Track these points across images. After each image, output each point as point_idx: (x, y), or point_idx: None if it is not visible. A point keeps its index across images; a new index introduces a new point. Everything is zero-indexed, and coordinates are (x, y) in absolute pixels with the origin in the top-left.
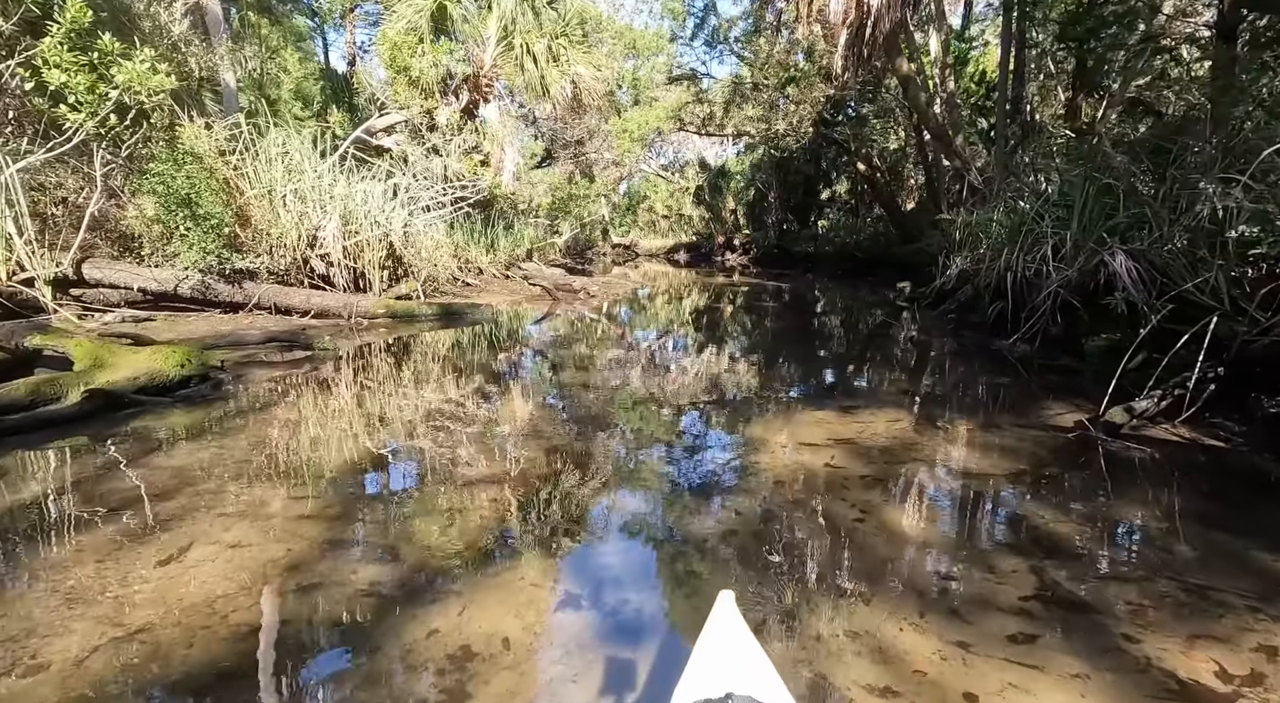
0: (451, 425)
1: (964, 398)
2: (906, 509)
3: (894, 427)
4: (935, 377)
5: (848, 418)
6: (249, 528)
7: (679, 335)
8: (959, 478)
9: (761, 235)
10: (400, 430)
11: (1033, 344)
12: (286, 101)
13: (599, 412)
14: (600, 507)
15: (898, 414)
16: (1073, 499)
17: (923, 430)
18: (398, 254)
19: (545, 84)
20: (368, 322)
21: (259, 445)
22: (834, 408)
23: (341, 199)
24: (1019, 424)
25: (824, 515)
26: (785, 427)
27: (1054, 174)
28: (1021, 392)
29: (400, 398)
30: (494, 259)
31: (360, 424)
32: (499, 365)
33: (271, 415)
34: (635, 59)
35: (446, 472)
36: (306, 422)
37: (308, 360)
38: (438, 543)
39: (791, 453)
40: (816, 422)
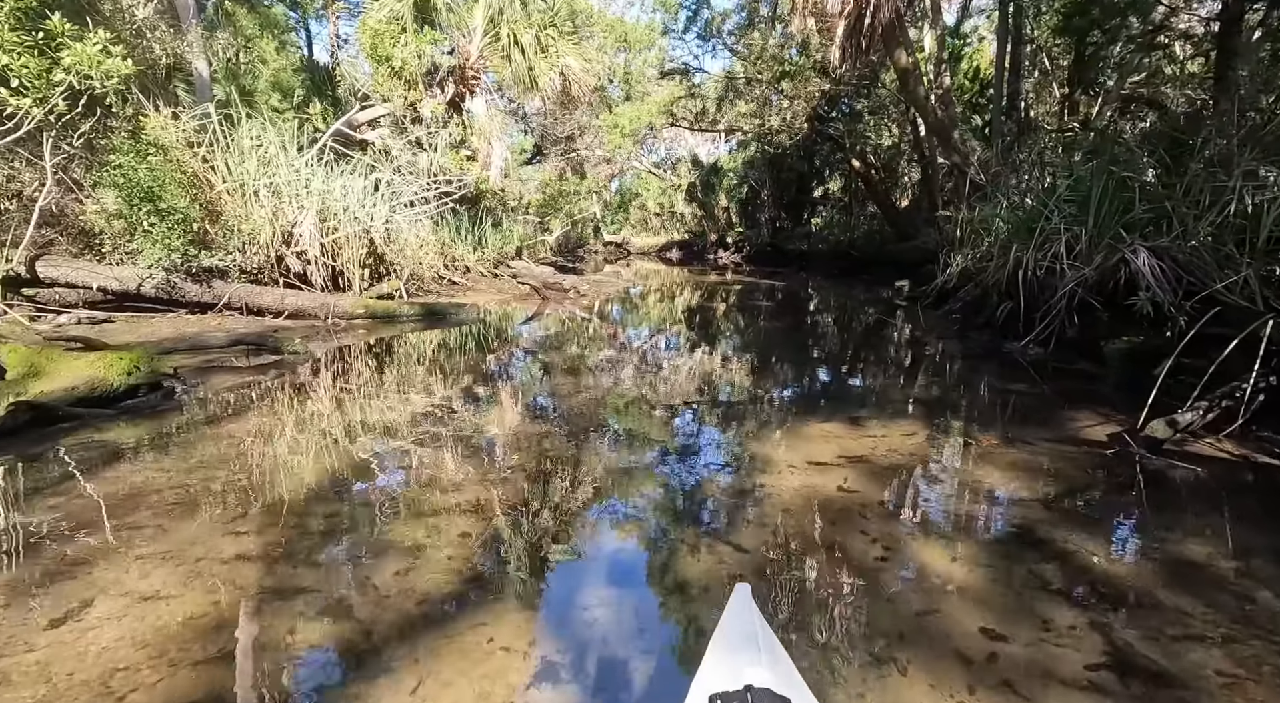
0: (423, 443)
1: (981, 407)
2: (936, 546)
3: (910, 442)
4: (946, 383)
5: (858, 431)
6: (172, 574)
7: (672, 337)
8: (991, 505)
9: (755, 233)
10: (365, 448)
11: (1046, 347)
12: (263, 93)
13: (585, 426)
14: (584, 545)
15: (912, 426)
16: (1124, 530)
17: (942, 446)
18: (379, 252)
19: (533, 76)
20: (345, 323)
21: (202, 467)
22: (842, 419)
23: (319, 194)
24: (1047, 438)
25: (841, 555)
26: (791, 442)
27: (1061, 169)
28: (1042, 400)
29: (370, 409)
30: (481, 257)
31: (322, 440)
32: (479, 372)
33: (223, 430)
34: (626, 53)
35: (413, 499)
36: (261, 437)
37: (275, 365)
38: (397, 592)
39: (800, 474)
40: (824, 436)
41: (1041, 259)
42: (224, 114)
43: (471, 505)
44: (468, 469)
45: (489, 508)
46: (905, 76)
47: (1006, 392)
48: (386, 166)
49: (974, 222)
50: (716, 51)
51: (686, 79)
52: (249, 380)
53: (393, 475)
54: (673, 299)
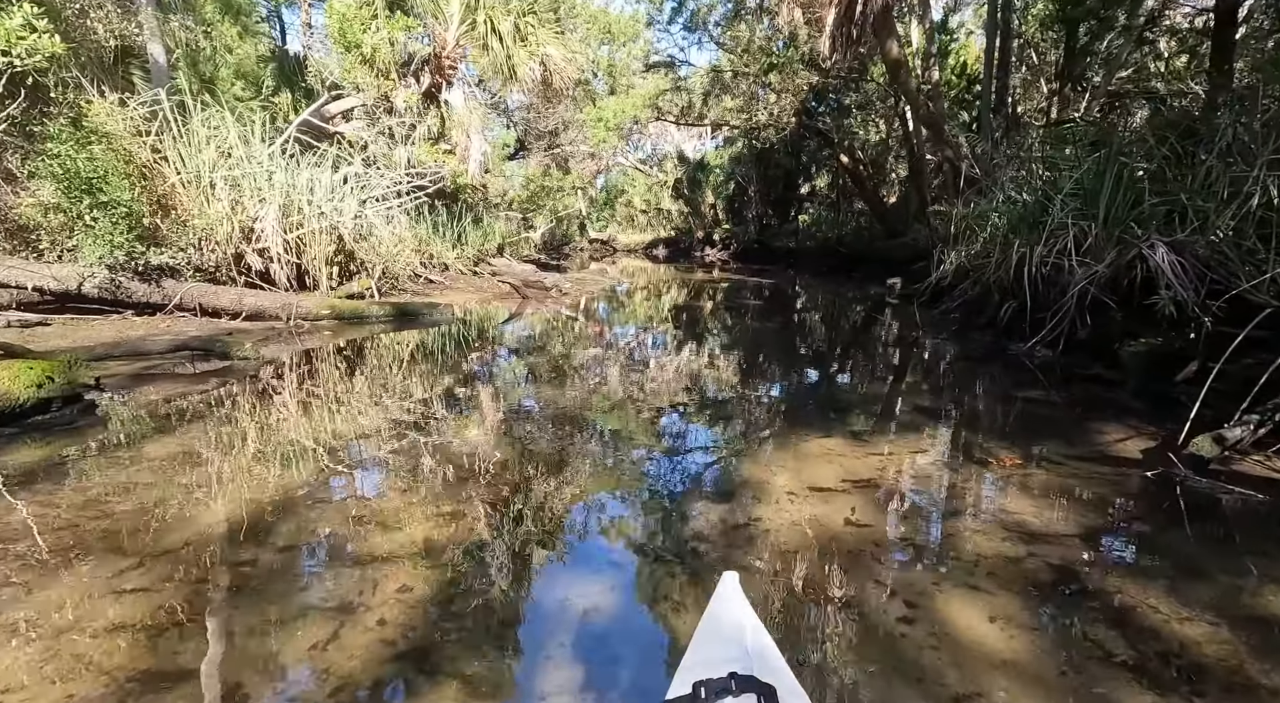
0: (367, 468)
1: (994, 418)
2: (968, 601)
3: (921, 462)
4: (952, 389)
5: (862, 449)
6: (19, 655)
7: (657, 341)
8: (1025, 543)
9: (741, 230)
10: (300, 476)
11: (1055, 349)
12: (225, 81)
13: (557, 447)
14: (545, 605)
15: (921, 442)
16: (1187, 577)
17: (958, 467)
18: (348, 249)
19: (512, 65)
20: (310, 324)
21: (102, 500)
22: (843, 434)
23: (282, 187)
24: (1074, 456)
25: (856, 615)
26: (789, 462)
27: (1063, 161)
28: (1059, 410)
29: (316, 426)
30: (461, 255)
31: (252, 466)
32: (444, 382)
33: (139, 453)
34: (610, 45)
35: (347, 541)
36: (181, 463)
37: (221, 373)
38: (308, 678)
39: (800, 504)
40: (825, 454)
41: (1047, 255)
42: (179, 102)
43: (414, 549)
44: (414, 502)
45: (435, 552)
46: (896, 68)
47: (1019, 400)
48: (356, 159)
49: (969, 217)
50: (702, 44)
51: (672, 72)
52: (186, 391)
53: (325, 510)
54: (659, 299)
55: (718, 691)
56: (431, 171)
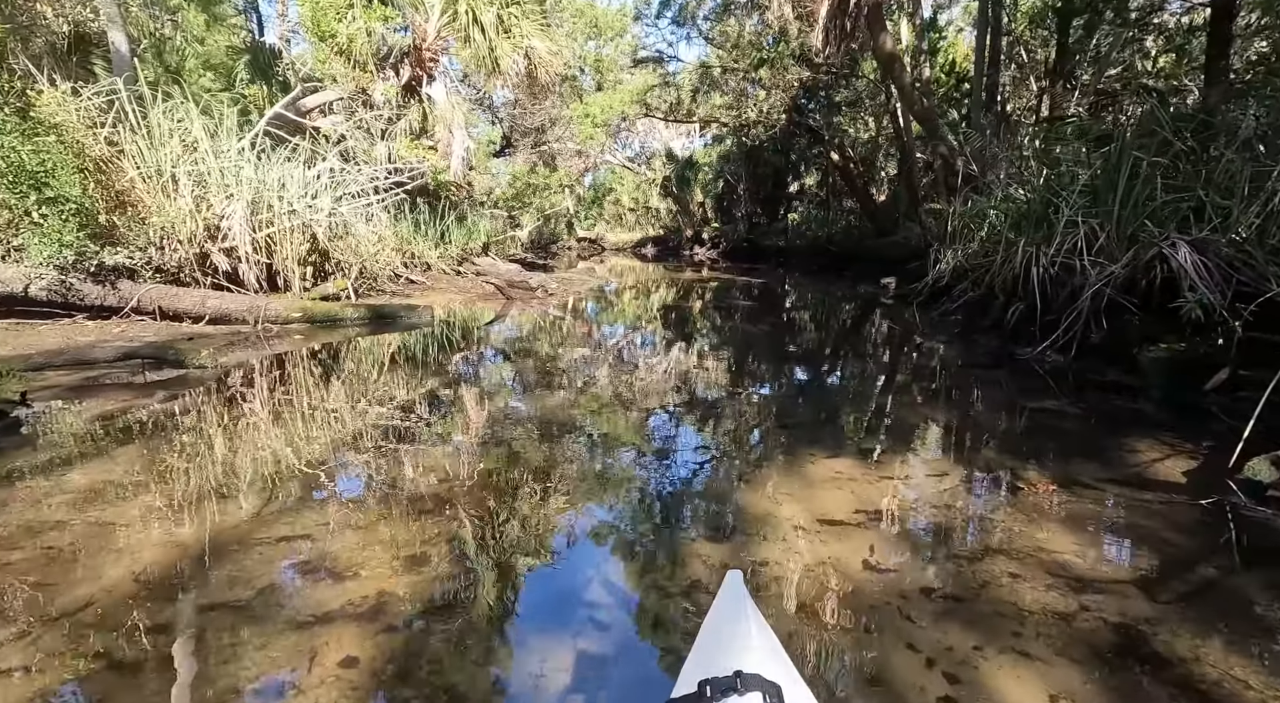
0: (320, 503)
1: (1013, 434)
2: (1020, 671)
3: (942, 486)
4: (963, 400)
5: (875, 471)
6: None
7: (645, 346)
8: (1075, 592)
9: (731, 229)
10: (241, 509)
11: (1067, 354)
12: (193, 72)
13: (532, 473)
14: (519, 680)
15: (938, 462)
16: (1272, 639)
17: (984, 493)
18: (323, 248)
19: (495, 57)
20: (279, 327)
21: (8, 542)
22: (852, 453)
23: (250, 183)
24: (1111, 480)
25: (888, 686)
26: (794, 488)
27: (1066, 156)
28: (1083, 423)
29: (267, 448)
30: (444, 254)
31: (187, 499)
32: (415, 393)
33: (59, 483)
34: (597, 39)
35: (283, 593)
36: (105, 493)
37: (172, 384)
38: None
39: (811, 541)
40: (834, 478)
41: (1054, 255)
42: (140, 92)
43: (368, 605)
44: (371, 542)
45: (392, 610)
46: (890, 63)
47: (1037, 412)
48: (331, 154)
49: (966, 215)
50: (691, 39)
51: (660, 67)
52: (128, 406)
53: (265, 555)
54: (647, 300)
55: (724, 689)
56: (411, 168)
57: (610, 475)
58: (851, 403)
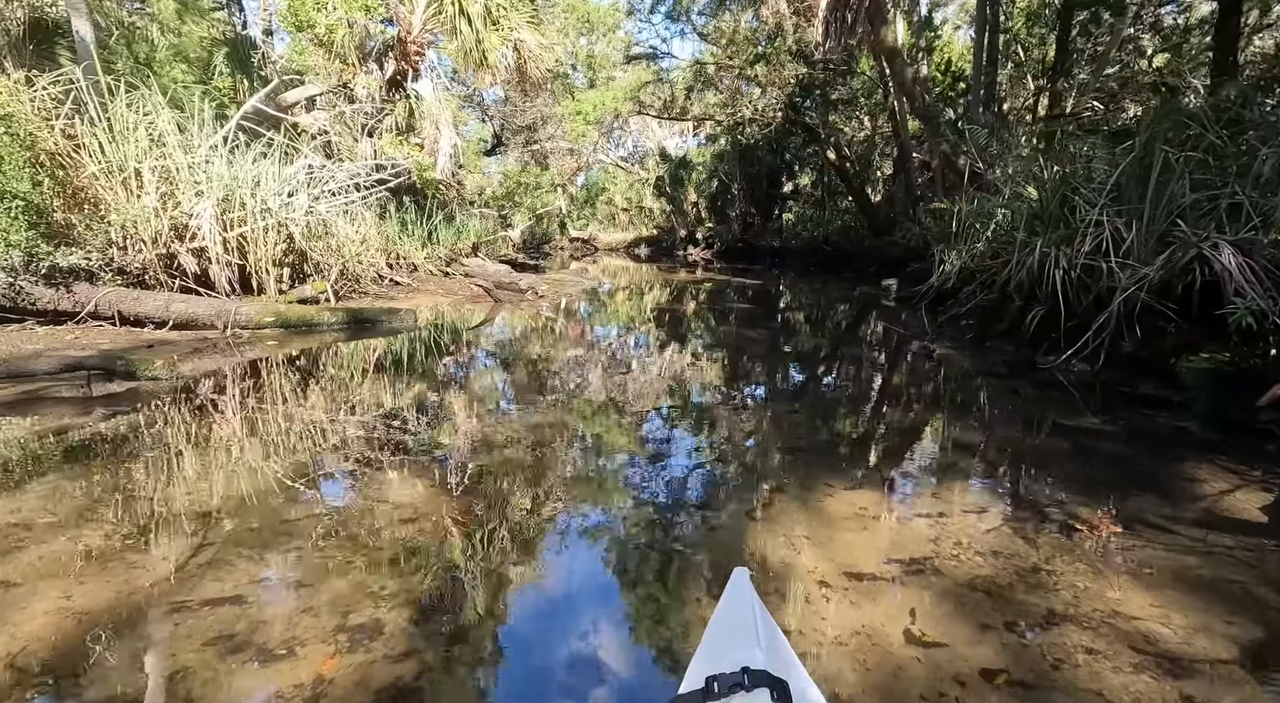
0: (258, 553)
1: (1053, 459)
2: None
3: (983, 525)
4: (988, 417)
5: (903, 507)
6: None
7: (638, 355)
8: (1173, 676)
9: (725, 229)
10: (164, 561)
11: (1093, 363)
12: (164, 63)
13: (501, 522)
14: None
15: (974, 495)
16: None
17: (1034, 535)
18: (300, 248)
19: (483, 50)
20: (249, 333)
21: None
22: (874, 482)
23: (221, 179)
24: (1180, 519)
25: None
26: (811, 528)
27: (1081, 152)
28: (1128, 444)
29: (209, 481)
30: (431, 254)
31: (104, 547)
32: (385, 411)
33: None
34: (589, 36)
35: (204, 682)
36: (11, 536)
37: (119, 399)
38: None
39: (838, 603)
40: (857, 516)
41: (1075, 256)
42: (106, 83)
43: (300, 698)
44: (312, 608)
45: (346, 674)
46: (892, 57)
47: (1073, 431)
48: (306, 148)
49: (972, 214)
50: (686, 34)
51: (654, 64)
52: (61, 426)
53: (182, 624)
54: (640, 303)
55: (730, 685)
56: (396, 165)
57: (596, 521)
58: (865, 420)
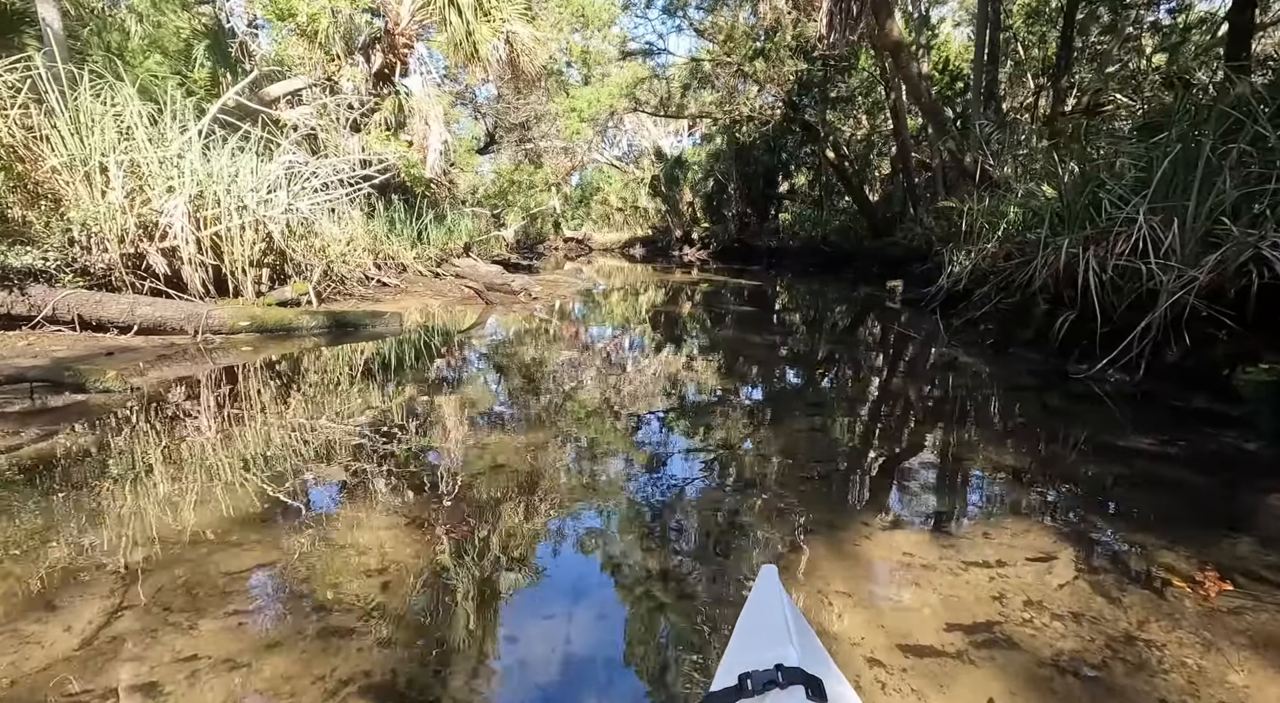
0: (191, 623)
1: (1116, 490)
2: None
3: (1055, 579)
4: (1030, 436)
5: (954, 551)
6: None
7: (635, 364)
8: None
9: (721, 229)
10: (65, 636)
11: (1133, 373)
12: (138, 53)
13: (493, 576)
14: None
15: (1037, 536)
16: None
17: (1120, 591)
18: (279, 248)
19: (474, 42)
20: (222, 338)
21: None
22: (916, 519)
23: (194, 175)
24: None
25: None
26: (851, 583)
27: (1102, 146)
28: (1198, 472)
29: (143, 520)
30: (421, 255)
31: (12, 602)
32: (355, 431)
33: None
34: (583, 31)
35: None
36: None
37: (59, 416)
38: None
39: (898, 691)
40: (903, 565)
41: (1105, 257)
42: (69, 71)
43: None
44: (239, 696)
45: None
46: (897, 51)
47: (1130, 454)
48: (287, 142)
49: (983, 212)
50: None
51: (650, 60)
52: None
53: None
54: (636, 305)
55: (764, 683)
56: (383, 161)
57: (593, 578)
58: (891, 439)
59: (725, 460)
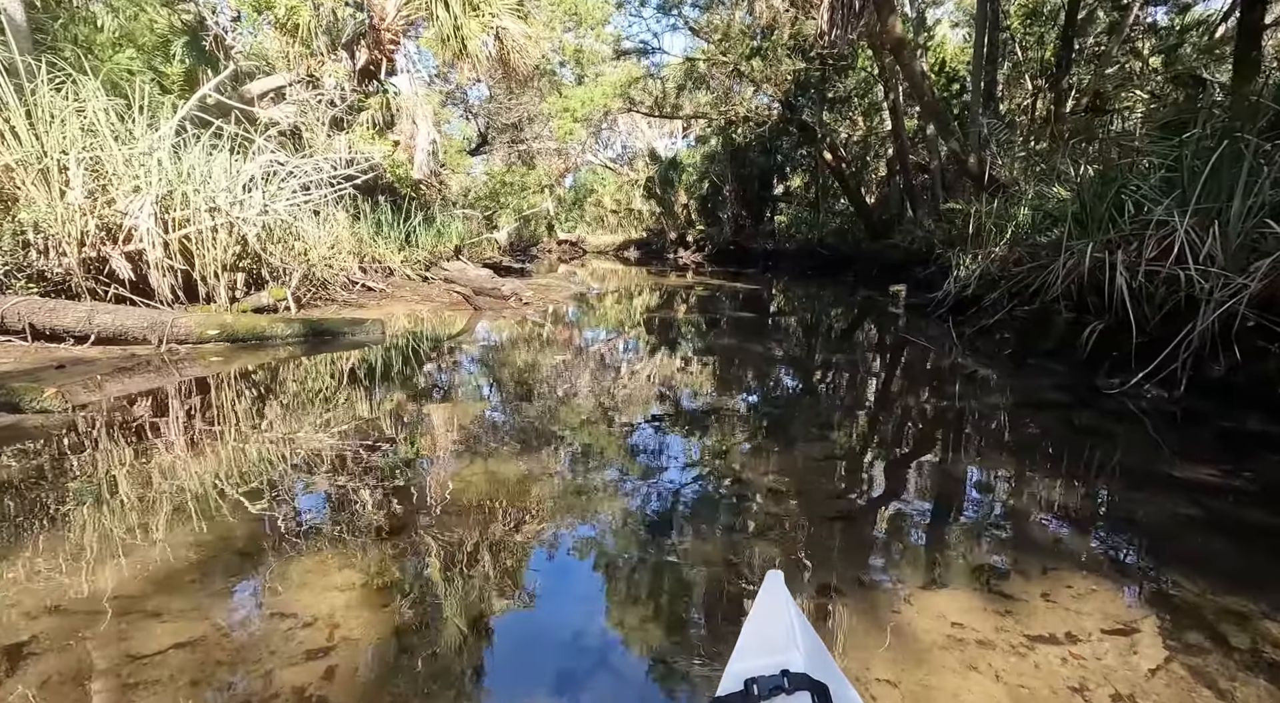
0: (113, 686)
1: (1191, 534)
2: None
3: (1144, 661)
4: (1076, 467)
5: (1016, 621)
6: None
7: (629, 379)
8: None
9: (716, 231)
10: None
11: (1172, 389)
12: (107, 47)
13: (459, 659)
14: None
15: (1113, 603)
16: None
17: (1232, 683)
18: (254, 251)
19: (462, 37)
20: (189, 348)
21: None
22: (963, 579)
23: (163, 174)
24: None
25: None
26: (896, 668)
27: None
28: (1276, 510)
29: (57, 576)
30: (409, 257)
31: None
32: (319, 459)
33: None
34: (577, 30)
35: None
36: None
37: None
38: None
39: None
40: (954, 641)
41: (1135, 262)
42: (26, 63)
43: None
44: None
45: None
46: (900, 48)
47: (1195, 489)
48: (261, 139)
49: (991, 214)
50: (678, 29)
51: (645, 59)
52: None
53: None
54: (630, 310)
55: (770, 688)
56: (368, 160)
57: (580, 667)
58: (917, 472)
59: (732, 500)
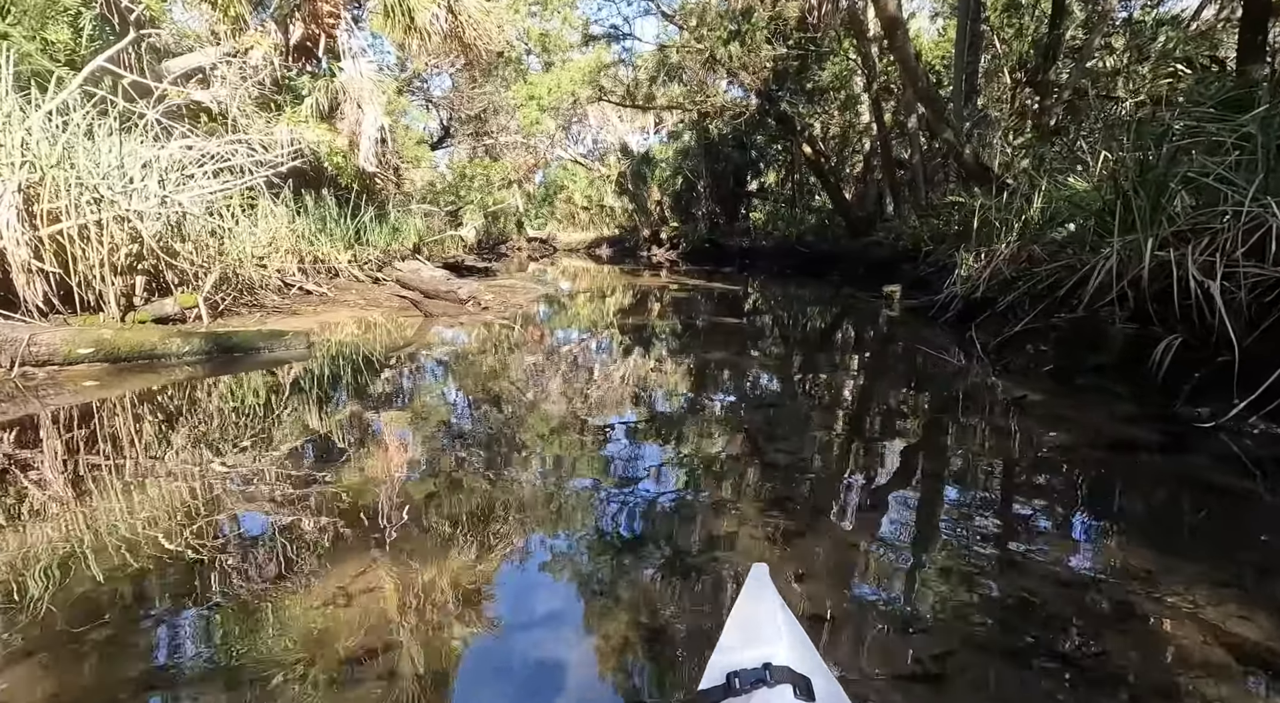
0: None
1: None
2: None
3: None
4: (1218, 555)
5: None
6: None
7: (605, 400)
8: None
9: (691, 228)
10: None
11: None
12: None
13: None
14: None
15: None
16: None
17: None
18: (150, 247)
19: (409, 8)
20: (50, 372)
21: None
22: (1049, 678)
23: (32, 158)
24: None
25: None
26: None
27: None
28: None
29: None
30: (357, 257)
31: None
32: (187, 526)
33: None
34: (543, 13)
35: None
36: None
37: None
38: None
39: None
40: None
41: (1209, 260)
42: None
43: None
44: None
45: None
46: (894, 28)
47: None
48: (152, 113)
49: (1000, 209)
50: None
51: (615, 45)
52: None
53: None
54: (602, 315)
55: (752, 681)
56: (289, 144)
57: None
58: (978, 536)
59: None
